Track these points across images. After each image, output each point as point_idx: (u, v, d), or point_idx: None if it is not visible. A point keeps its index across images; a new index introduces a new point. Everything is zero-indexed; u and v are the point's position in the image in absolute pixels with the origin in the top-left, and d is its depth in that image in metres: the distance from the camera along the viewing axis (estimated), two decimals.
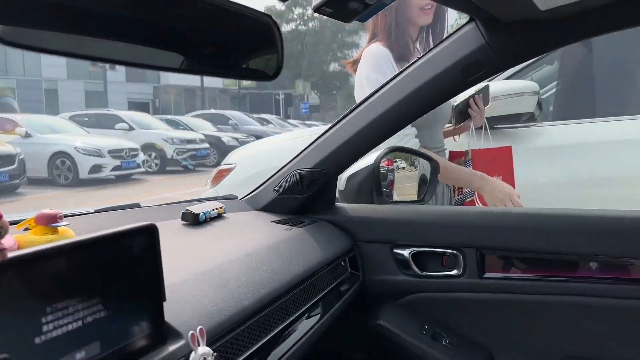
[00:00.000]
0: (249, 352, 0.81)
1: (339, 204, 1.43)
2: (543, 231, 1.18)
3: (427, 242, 1.27)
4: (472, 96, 1.84)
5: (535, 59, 2.36)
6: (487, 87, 1.91)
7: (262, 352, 0.86)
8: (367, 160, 1.47)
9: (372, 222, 1.35)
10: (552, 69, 2.72)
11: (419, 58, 1.18)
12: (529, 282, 1.20)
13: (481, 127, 1.94)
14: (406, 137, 1.65)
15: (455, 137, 2.02)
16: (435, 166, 1.64)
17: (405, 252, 1.27)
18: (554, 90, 2.61)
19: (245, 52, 0.69)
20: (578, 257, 1.17)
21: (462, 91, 1.17)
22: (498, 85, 2.19)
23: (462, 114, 1.88)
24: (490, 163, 1.86)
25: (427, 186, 1.62)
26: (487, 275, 1.22)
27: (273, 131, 15.92)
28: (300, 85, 31.07)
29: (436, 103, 1.19)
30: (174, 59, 0.64)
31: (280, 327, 0.92)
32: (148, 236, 0.64)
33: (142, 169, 11.53)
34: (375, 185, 1.44)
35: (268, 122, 19.98)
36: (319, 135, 1.33)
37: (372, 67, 1.65)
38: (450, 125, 1.93)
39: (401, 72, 1.21)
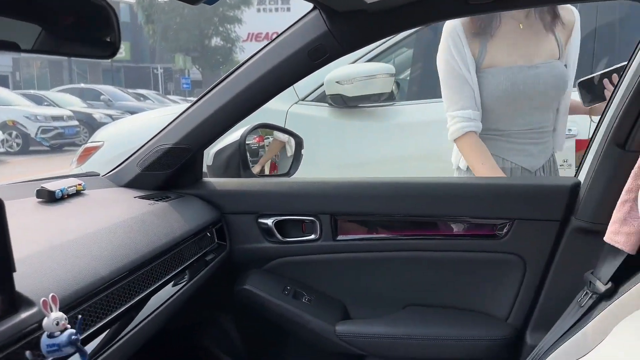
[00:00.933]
0: (108, 319, 0.85)
1: (206, 179, 1.49)
2: (383, 197, 1.36)
3: (288, 211, 1.39)
4: (608, 74, 1.58)
5: (394, 42, 2.58)
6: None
7: (125, 317, 0.91)
8: (234, 135, 1.55)
9: (238, 194, 1.43)
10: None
11: (273, 40, 1.27)
12: (373, 242, 1.39)
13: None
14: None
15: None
16: (299, 142, 1.76)
17: (269, 221, 1.38)
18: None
19: (79, 31, 0.72)
20: (411, 218, 1.36)
21: (310, 73, 1.28)
22: (355, 67, 2.37)
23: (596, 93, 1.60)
24: None
25: (292, 160, 1.74)
26: (339, 237, 1.38)
27: (151, 107, 15.22)
28: (181, 59, 29.84)
29: (288, 83, 1.29)
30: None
31: (142, 295, 0.97)
32: None
33: (1, 149, 10.50)
34: (241, 160, 1.52)
35: (145, 97, 18.97)
36: (182, 110, 1.37)
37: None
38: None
39: (257, 53, 1.30)
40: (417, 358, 1.30)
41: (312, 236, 1.38)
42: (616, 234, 1.07)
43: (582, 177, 1.29)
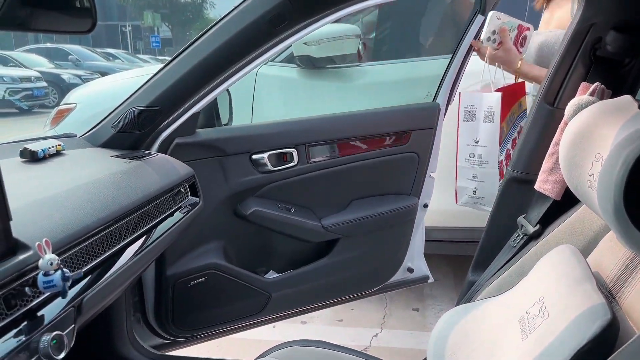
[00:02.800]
0: (93, 263, 0.96)
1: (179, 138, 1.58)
2: (339, 127, 1.77)
3: (274, 146, 1.69)
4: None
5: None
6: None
7: (107, 263, 1.02)
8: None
9: (231, 139, 1.67)
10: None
11: (237, 6, 1.34)
12: (332, 160, 1.78)
13: None
14: None
15: None
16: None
17: (265, 155, 1.67)
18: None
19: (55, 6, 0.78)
20: (355, 139, 1.80)
21: (273, 39, 1.36)
22: (322, 29, 2.43)
23: None
24: None
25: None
26: (312, 160, 1.74)
27: (121, 67, 14.88)
28: (149, 16, 28.90)
29: (252, 48, 1.37)
30: None
31: (122, 244, 1.08)
32: None
33: None
34: (216, 114, 1.72)
35: (115, 57, 18.50)
36: (154, 73, 1.44)
37: None
38: None
39: (223, 18, 1.37)
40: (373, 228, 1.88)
41: (291, 164, 1.71)
42: (545, 182, 1.22)
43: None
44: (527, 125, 1.29)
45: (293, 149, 1.71)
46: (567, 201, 1.14)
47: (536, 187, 1.21)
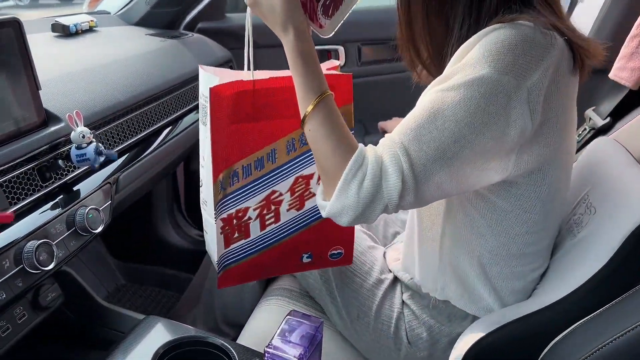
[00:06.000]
0: (128, 142, 0.93)
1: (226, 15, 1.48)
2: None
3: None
4: None
5: None
6: None
7: (142, 143, 0.98)
8: None
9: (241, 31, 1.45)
10: None
11: None
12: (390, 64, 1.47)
13: None
14: None
15: None
16: None
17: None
18: None
19: None
20: None
21: None
22: None
23: None
24: None
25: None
26: (362, 61, 1.48)
27: None
28: None
29: None
30: None
31: (158, 125, 1.04)
32: (13, 29, 0.70)
33: (10, 2, 10.15)
34: None
35: None
36: None
37: None
38: None
39: None
40: None
41: (337, 62, 1.48)
42: (622, 70, 1.08)
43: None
44: (603, 10, 1.13)
45: (341, 46, 1.49)
46: None
47: (611, 75, 1.08)
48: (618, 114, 1.08)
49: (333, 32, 0.70)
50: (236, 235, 0.77)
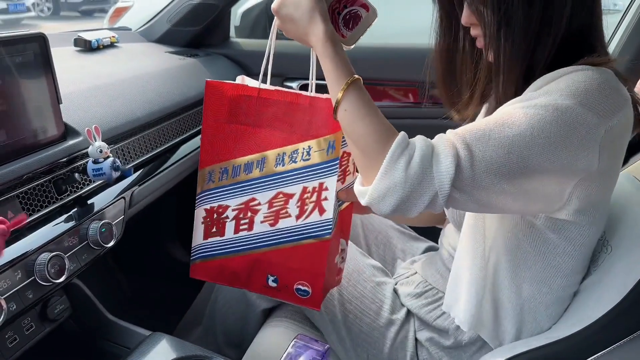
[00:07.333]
0: (144, 157, 0.94)
1: (233, 39, 1.51)
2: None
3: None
4: None
5: None
6: None
7: (158, 159, 0.99)
8: None
9: (263, 56, 1.45)
10: None
11: None
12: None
13: None
14: None
15: None
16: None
17: (294, 85, 1.41)
18: None
19: None
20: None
21: None
22: None
23: None
24: None
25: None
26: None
27: None
28: None
29: None
30: None
31: (174, 142, 1.05)
32: (38, 43, 0.71)
33: (32, 13, 10.36)
34: (268, 20, 1.52)
35: None
36: None
37: None
38: None
39: None
40: None
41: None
42: None
43: None
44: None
45: None
46: None
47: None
48: (632, 148, 1.07)
49: (354, 44, 0.75)
50: (214, 229, 0.85)
